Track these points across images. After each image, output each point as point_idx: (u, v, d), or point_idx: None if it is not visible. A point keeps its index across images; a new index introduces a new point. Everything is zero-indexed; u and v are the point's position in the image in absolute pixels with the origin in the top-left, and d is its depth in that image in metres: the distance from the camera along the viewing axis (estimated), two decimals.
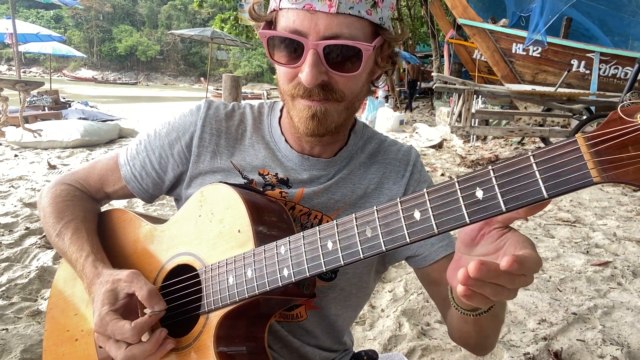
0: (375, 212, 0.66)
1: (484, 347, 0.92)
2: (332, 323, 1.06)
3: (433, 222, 0.61)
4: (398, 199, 0.65)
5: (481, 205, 0.58)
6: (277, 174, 1.01)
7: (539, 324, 2.50)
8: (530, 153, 0.55)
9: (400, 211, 0.64)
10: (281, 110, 1.06)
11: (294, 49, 0.82)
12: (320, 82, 0.83)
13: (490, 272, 0.58)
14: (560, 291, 2.89)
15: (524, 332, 2.42)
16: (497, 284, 0.60)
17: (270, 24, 0.87)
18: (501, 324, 0.89)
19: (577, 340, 2.33)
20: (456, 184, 0.60)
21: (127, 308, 0.87)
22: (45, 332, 1.10)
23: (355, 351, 1.19)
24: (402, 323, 2.46)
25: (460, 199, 0.59)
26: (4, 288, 2.66)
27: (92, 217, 1.07)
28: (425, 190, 0.62)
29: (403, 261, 1.05)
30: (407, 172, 1.06)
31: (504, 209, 0.56)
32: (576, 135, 0.51)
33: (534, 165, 0.54)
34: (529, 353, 2.22)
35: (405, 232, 0.63)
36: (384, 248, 0.65)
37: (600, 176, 0.50)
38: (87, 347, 0.99)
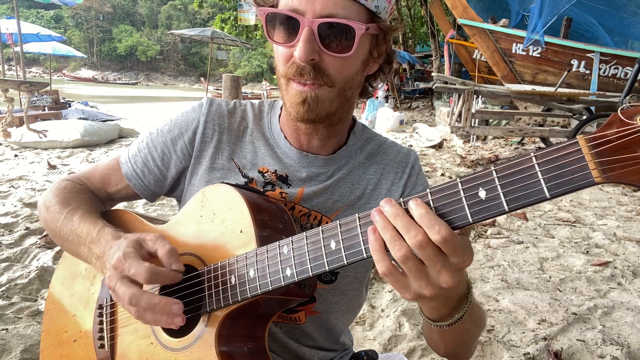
0: None
1: (456, 357, 0.88)
2: (331, 327, 1.06)
3: None
4: (401, 199, 0.65)
5: (484, 205, 0.58)
6: (276, 170, 1.01)
7: (539, 324, 2.50)
8: (532, 154, 0.56)
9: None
10: (281, 108, 1.06)
11: (291, 27, 0.83)
12: (313, 61, 0.83)
13: (392, 208, 0.63)
14: (560, 291, 2.90)
15: (524, 332, 2.42)
16: (397, 233, 0.62)
17: (272, 7, 0.88)
18: (475, 337, 0.86)
19: (577, 340, 2.34)
20: (459, 184, 0.60)
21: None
22: (42, 333, 1.09)
23: (355, 351, 1.19)
24: (402, 323, 2.46)
25: (464, 198, 0.60)
26: (4, 288, 2.66)
27: (98, 209, 1.05)
28: (428, 190, 0.63)
29: None
30: (405, 173, 1.07)
31: (506, 208, 0.57)
32: (578, 136, 0.52)
33: (536, 166, 0.55)
34: (529, 353, 2.22)
35: None
36: None
37: (601, 177, 0.51)
38: (85, 348, 0.99)
